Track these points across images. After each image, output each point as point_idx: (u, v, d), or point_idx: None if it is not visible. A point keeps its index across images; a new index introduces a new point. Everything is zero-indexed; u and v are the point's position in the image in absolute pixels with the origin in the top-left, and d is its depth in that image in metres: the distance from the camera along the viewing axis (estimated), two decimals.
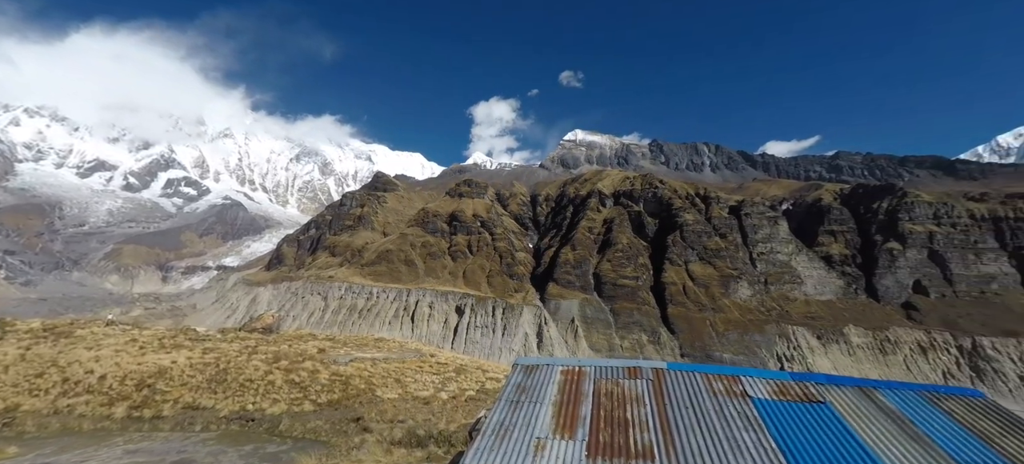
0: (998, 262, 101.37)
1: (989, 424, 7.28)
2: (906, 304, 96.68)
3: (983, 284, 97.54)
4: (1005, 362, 74.37)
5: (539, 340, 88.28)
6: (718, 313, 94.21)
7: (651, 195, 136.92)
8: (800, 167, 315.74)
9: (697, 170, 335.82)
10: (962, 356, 77.68)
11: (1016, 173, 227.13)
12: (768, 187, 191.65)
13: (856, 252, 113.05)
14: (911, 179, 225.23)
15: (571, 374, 9.28)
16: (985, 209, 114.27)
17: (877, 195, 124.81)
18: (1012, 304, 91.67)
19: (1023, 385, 69.90)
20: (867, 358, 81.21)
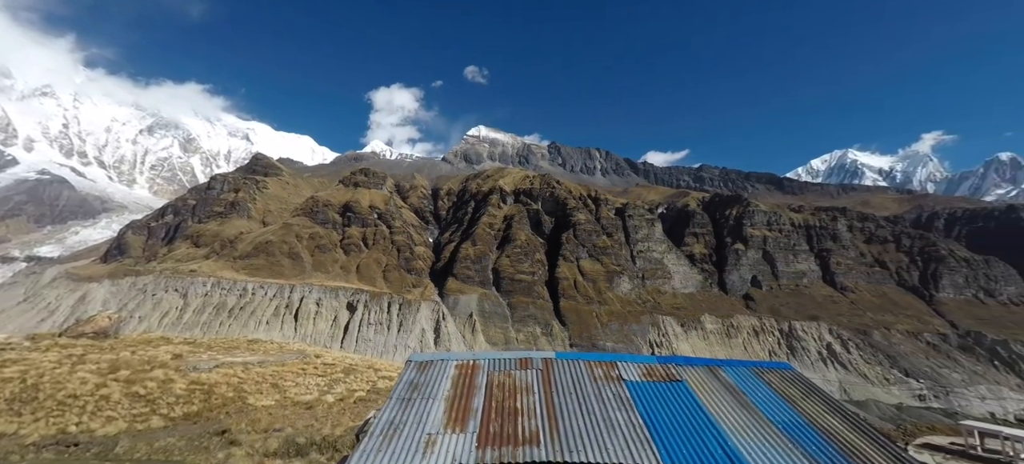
0: (808, 261, 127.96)
1: (794, 390, 9.18)
2: (746, 296, 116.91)
3: (797, 279, 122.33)
4: (809, 341, 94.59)
5: (437, 336, 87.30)
6: (603, 306, 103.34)
7: (549, 195, 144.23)
8: (673, 176, 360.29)
9: (590, 173, 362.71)
10: (782, 337, 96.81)
11: (822, 191, 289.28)
12: (648, 192, 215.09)
13: (712, 251, 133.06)
14: (753, 191, 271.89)
15: (466, 368, 9.35)
16: (801, 219, 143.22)
17: (729, 204, 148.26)
18: (815, 295, 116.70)
19: (820, 359, 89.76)
20: (717, 342, 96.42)
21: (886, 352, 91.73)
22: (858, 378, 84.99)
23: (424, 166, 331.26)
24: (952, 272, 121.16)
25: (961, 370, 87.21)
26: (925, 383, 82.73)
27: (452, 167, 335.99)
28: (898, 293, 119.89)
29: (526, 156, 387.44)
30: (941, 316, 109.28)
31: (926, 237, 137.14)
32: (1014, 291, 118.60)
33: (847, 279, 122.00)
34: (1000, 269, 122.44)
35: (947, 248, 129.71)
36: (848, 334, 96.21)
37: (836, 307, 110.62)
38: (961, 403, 76.31)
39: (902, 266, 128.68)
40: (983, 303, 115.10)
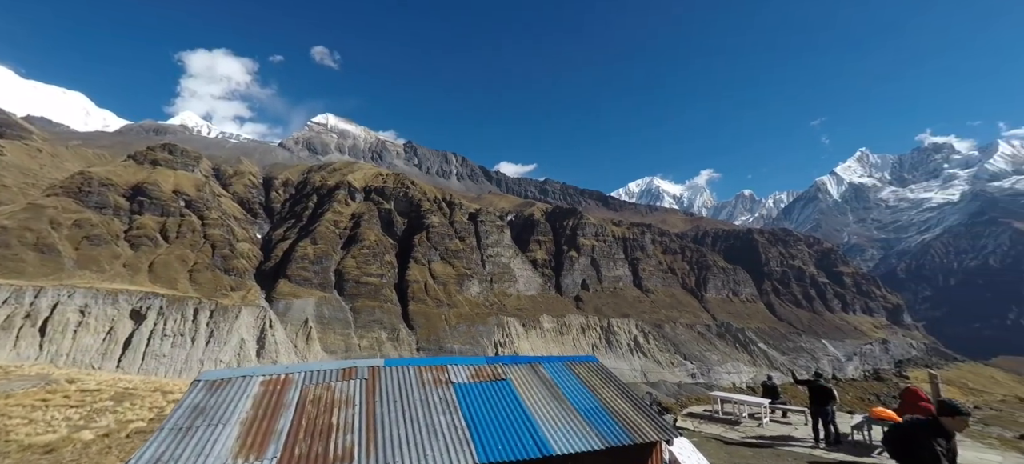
0: (623, 268, 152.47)
1: (597, 379, 10.66)
2: (576, 297, 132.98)
3: (615, 283, 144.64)
4: (622, 335, 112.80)
5: (260, 347, 75.58)
6: (453, 308, 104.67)
7: (403, 195, 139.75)
8: (522, 187, 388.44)
9: (446, 177, 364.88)
10: (602, 333, 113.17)
11: (635, 209, 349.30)
12: (499, 200, 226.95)
13: (552, 257, 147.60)
14: (586, 206, 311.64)
15: (273, 384, 8.19)
16: (620, 232, 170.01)
17: (567, 215, 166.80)
18: (627, 296, 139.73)
19: (629, 350, 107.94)
20: (552, 339, 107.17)
21: (673, 341, 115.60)
22: (654, 364, 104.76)
23: (255, 150, 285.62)
24: (715, 277, 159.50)
25: (718, 352, 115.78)
26: (696, 364, 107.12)
27: (291, 155, 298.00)
28: (682, 294, 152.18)
29: (380, 152, 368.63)
30: (707, 311, 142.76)
31: (700, 250, 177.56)
32: (749, 292, 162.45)
33: (650, 283, 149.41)
34: (742, 275, 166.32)
35: (713, 259, 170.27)
36: (649, 328, 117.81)
37: (642, 306, 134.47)
38: (717, 378, 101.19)
39: (685, 273, 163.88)
40: (731, 301, 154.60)
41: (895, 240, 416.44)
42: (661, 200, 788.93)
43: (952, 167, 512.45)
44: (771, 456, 12.01)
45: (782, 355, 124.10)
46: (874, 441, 12.68)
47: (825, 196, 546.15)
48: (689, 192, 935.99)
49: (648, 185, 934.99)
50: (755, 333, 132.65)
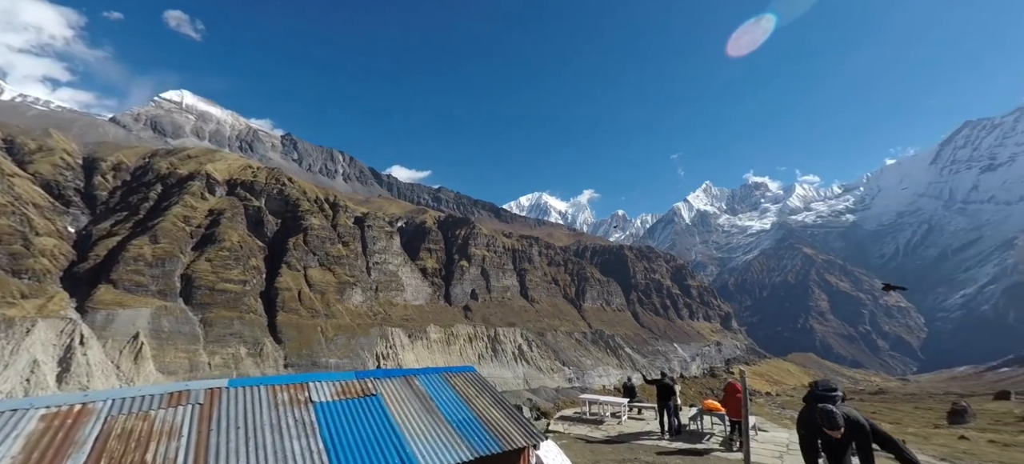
0: (511, 278, 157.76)
1: (472, 390, 10.68)
2: (466, 307, 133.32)
3: (503, 293, 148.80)
4: (508, 344, 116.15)
5: (64, 368, 59.77)
6: (330, 319, 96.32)
7: (277, 191, 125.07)
8: (415, 193, 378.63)
9: (330, 176, 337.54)
10: (489, 342, 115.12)
11: (525, 222, 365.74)
12: (390, 205, 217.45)
13: (442, 266, 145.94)
14: (478, 216, 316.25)
15: (61, 418, 6.43)
16: (510, 243, 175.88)
17: (459, 224, 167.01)
18: (514, 305, 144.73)
19: (514, 357, 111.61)
20: (439, 350, 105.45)
21: (553, 348, 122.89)
22: (536, 371, 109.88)
23: (74, 123, 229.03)
24: (592, 289, 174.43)
25: (592, 358, 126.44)
26: (573, 369, 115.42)
27: (128, 133, 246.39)
28: (564, 303, 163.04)
29: (251, 142, 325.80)
30: (584, 320, 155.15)
31: (580, 264, 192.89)
32: (619, 302, 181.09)
33: (536, 293, 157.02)
34: (614, 287, 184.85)
35: (590, 272, 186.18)
36: (533, 336, 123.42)
37: (527, 315, 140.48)
38: (590, 381, 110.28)
39: (566, 284, 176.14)
40: (605, 310, 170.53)
41: (728, 259, 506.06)
42: (549, 215, 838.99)
43: (766, 202, 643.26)
44: (626, 450, 13.32)
45: (643, 358, 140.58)
46: (705, 429, 14.96)
47: (680, 219, 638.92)
48: (573, 209, 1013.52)
49: (538, 200, 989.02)
50: (623, 339, 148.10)
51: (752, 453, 11.85)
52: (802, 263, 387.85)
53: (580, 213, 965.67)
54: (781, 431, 15.80)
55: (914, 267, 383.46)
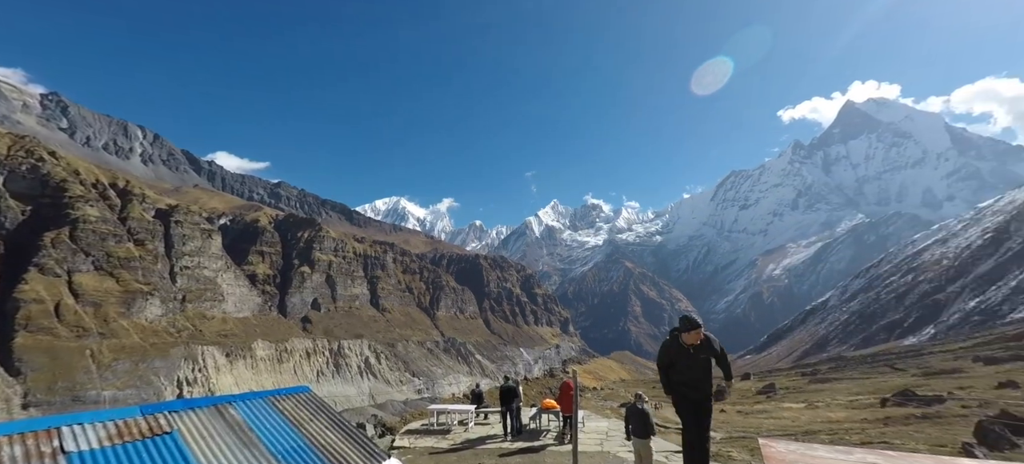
0: (362, 286, 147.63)
1: (305, 413, 9.52)
2: (304, 318, 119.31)
3: (351, 302, 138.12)
4: (353, 357, 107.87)
5: None
6: (108, 339, 74.85)
7: (28, 168, 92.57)
8: (246, 186, 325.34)
9: (124, 155, 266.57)
10: (331, 356, 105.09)
11: (380, 227, 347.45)
12: (210, 198, 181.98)
13: (277, 273, 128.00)
14: (327, 218, 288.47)
15: None
16: (362, 249, 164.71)
17: (302, 226, 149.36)
18: (363, 315, 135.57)
19: (359, 372, 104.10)
20: (267, 369, 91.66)
21: (404, 359, 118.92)
22: (384, 384, 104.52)
23: None
24: (447, 297, 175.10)
25: (443, 366, 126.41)
26: (423, 380, 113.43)
27: None
28: (417, 312, 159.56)
29: None
30: (437, 328, 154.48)
31: (436, 271, 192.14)
32: (472, 309, 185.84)
33: (387, 302, 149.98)
34: (468, 295, 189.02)
35: (446, 280, 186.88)
36: (382, 348, 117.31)
37: (377, 325, 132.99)
38: (440, 391, 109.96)
39: (421, 292, 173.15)
40: (458, 318, 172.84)
41: (568, 270, 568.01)
42: (406, 221, 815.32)
43: (600, 222, 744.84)
44: (471, 456, 13.59)
45: (492, 363, 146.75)
46: (543, 426, 16.28)
47: (531, 232, 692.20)
48: (432, 216, 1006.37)
49: (395, 205, 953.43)
50: (474, 346, 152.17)
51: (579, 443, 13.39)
52: (624, 275, 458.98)
53: (439, 221, 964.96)
54: (603, 421, 18.20)
55: (698, 279, 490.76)
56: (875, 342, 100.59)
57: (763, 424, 25.78)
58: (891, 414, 24.49)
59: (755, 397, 39.02)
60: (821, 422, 24.30)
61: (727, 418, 28.56)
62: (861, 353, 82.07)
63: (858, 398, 31.90)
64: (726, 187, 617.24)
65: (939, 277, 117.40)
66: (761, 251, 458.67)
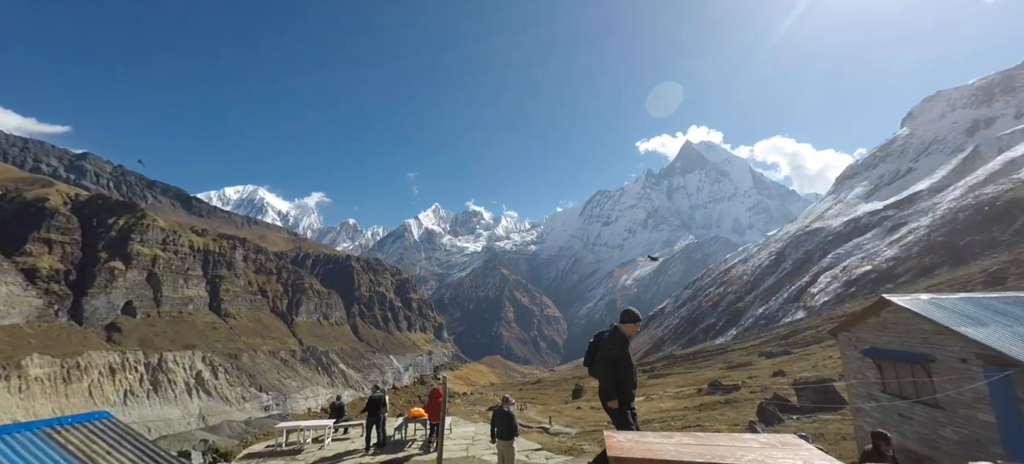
0: (198, 287, 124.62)
1: (100, 446, 7.53)
2: (111, 326, 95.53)
3: (183, 305, 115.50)
4: (179, 372, 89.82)
5: None
6: None
7: None
8: (31, 153, 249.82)
9: None
10: (148, 372, 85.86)
11: (230, 219, 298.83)
12: None
13: (72, 268, 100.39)
14: (154, 203, 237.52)
15: None
16: (202, 243, 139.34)
17: (117, 211, 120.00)
18: (198, 322, 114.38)
19: (186, 389, 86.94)
20: (45, 391, 70.60)
21: (249, 372, 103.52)
22: (220, 402, 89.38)
23: None
24: (309, 301, 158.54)
25: (299, 378, 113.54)
26: (272, 394, 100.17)
27: None
28: (271, 318, 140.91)
29: None
30: (295, 336, 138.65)
31: (298, 272, 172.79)
32: (339, 315, 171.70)
33: (232, 306, 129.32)
34: (335, 299, 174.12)
35: (309, 282, 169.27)
36: (220, 360, 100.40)
37: (216, 333, 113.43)
38: (294, 405, 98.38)
39: (277, 295, 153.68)
40: (321, 324, 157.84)
41: (446, 275, 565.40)
42: (264, 214, 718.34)
43: (481, 228, 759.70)
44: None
45: (358, 373, 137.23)
46: (409, 436, 15.71)
47: (409, 235, 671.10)
48: (297, 211, 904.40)
49: (252, 195, 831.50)
50: (338, 354, 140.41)
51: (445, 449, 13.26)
52: (500, 281, 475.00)
53: (306, 216, 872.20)
54: (470, 426, 18.37)
55: (565, 287, 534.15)
56: (697, 342, 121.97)
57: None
58: (704, 401, 29.84)
59: None
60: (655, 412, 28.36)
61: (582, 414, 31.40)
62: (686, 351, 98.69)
63: (682, 389, 38.16)
64: (593, 204, 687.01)
65: (740, 289, 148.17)
66: (617, 263, 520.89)
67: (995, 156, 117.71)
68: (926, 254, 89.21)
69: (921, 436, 11.39)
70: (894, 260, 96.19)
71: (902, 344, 12.00)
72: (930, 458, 10.89)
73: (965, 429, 10.07)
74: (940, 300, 12.14)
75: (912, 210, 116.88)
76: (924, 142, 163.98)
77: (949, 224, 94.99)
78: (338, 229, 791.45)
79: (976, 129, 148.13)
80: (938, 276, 71.47)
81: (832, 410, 22.16)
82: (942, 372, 10.63)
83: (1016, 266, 53.79)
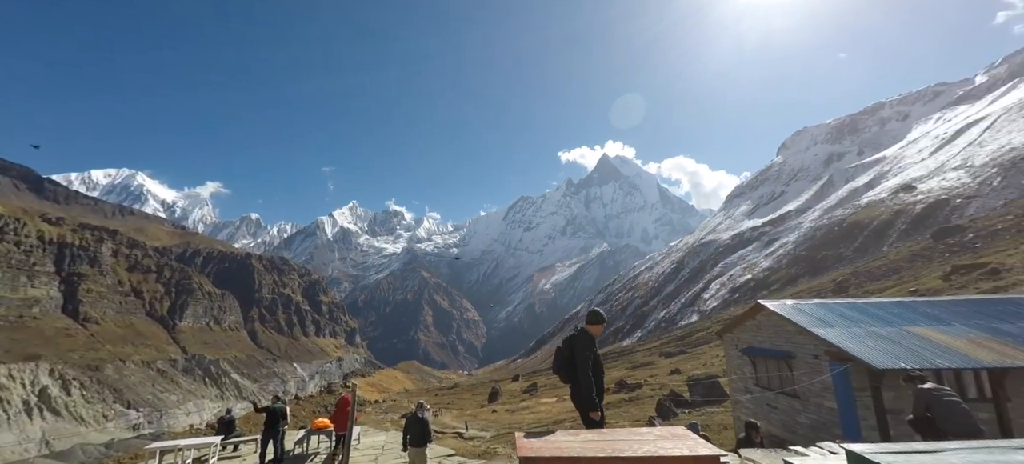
0: (49, 287, 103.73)
1: None
2: None
3: (25, 308, 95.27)
4: (16, 389, 73.55)
5: None
6: None
7: None
8: None
9: None
10: None
11: (96, 207, 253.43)
12: None
13: None
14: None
15: None
16: (57, 234, 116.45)
17: None
18: (45, 328, 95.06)
19: (25, 410, 71.33)
20: None
21: (114, 386, 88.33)
22: (72, 423, 75.03)
23: None
24: (197, 303, 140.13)
25: (179, 391, 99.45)
26: (144, 411, 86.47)
27: None
28: (146, 323, 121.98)
29: None
30: (177, 343, 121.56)
31: (186, 271, 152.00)
32: (234, 319, 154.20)
33: (95, 309, 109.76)
34: (230, 302, 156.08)
35: (199, 282, 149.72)
36: (76, 372, 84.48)
37: (71, 341, 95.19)
38: (172, 422, 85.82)
39: (157, 296, 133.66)
40: (212, 330, 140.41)
41: (362, 277, 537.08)
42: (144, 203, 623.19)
43: (401, 229, 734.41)
44: None
45: (254, 383, 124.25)
46: (311, 450, 14.51)
47: (322, 234, 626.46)
48: (187, 201, 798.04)
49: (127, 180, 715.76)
50: (230, 363, 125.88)
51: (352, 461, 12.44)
52: (420, 284, 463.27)
53: (197, 208, 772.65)
54: (380, 435, 17.51)
55: (486, 290, 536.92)
56: (607, 344, 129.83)
57: (524, 419, 29.61)
58: (611, 400, 31.78)
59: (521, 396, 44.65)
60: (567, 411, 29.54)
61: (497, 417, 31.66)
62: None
63: None
64: (516, 209, 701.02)
65: (646, 294, 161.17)
66: (537, 268, 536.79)
67: (843, 185, 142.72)
68: (792, 265, 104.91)
69: (783, 423, 13.23)
70: (769, 270, 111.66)
71: (772, 343, 13.86)
72: (789, 441, 12.68)
73: (815, 415, 11.90)
74: (800, 305, 14.27)
75: (783, 227, 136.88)
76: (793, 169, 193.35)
77: (810, 240, 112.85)
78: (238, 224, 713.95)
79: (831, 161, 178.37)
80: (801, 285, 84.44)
81: (717, 403, 24.90)
82: (800, 367, 12.46)
83: (856, 277, 65.47)
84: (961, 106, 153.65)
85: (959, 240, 60.59)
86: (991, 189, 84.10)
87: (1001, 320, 11.91)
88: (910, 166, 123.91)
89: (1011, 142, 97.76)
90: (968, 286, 36.48)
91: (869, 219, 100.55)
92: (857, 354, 10.23)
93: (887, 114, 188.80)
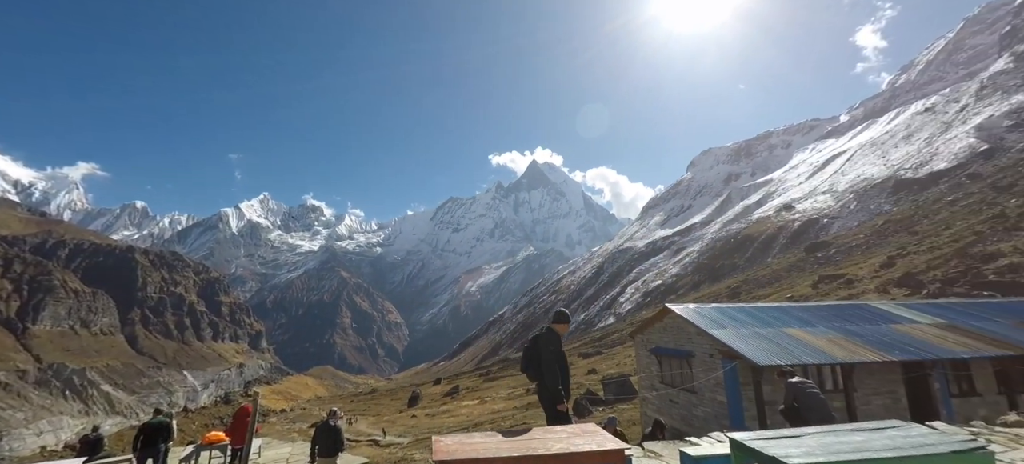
0: None
1: None
2: None
3: None
4: None
5: None
6: None
7: None
8: None
9: None
10: None
11: None
12: None
13: None
14: None
15: None
16: None
17: None
18: None
19: None
20: None
21: None
22: None
23: None
24: (58, 303, 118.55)
25: (29, 407, 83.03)
26: None
27: None
28: None
29: None
30: (29, 351, 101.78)
31: (44, 265, 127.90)
32: (107, 322, 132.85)
33: None
34: (103, 302, 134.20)
35: (62, 279, 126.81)
36: None
37: None
38: (16, 444, 71.28)
39: (2, 295, 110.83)
40: (77, 334, 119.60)
41: (271, 275, 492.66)
42: None
43: (319, 225, 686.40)
44: None
45: (131, 395, 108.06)
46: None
47: (225, 227, 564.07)
48: (50, 183, 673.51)
49: None
50: (100, 373, 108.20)
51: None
52: (338, 284, 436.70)
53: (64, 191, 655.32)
54: (285, 446, 16.15)
55: (410, 292, 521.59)
56: None
57: (445, 423, 29.22)
58: (531, 401, 32.54)
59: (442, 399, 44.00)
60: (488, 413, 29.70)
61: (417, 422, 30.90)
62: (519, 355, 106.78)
63: (513, 391, 40.94)
64: (444, 210, 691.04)
65: (569, 297, 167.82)
66: (464, 270, 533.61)
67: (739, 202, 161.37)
68: (696, 273, 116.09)
69: (683, 416, 14.53)
70: (676, 276, 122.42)
71: (676, 343, 15.17)
72: (687, 433, 13.95)
73: (709, 408, 13.23)
74: (700, 308, 15.81)
75: (689, 238, 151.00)
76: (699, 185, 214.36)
77: (710, 250, 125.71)
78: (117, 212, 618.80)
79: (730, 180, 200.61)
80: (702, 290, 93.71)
81: (628, 400, 26.66)
82: (698, 365, 13.78)
83: (746, 284, 74.23)
84: (829, 139, 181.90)
85: (825, 254, 71.53)
86: (849, 211, 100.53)
87: (851, 322, 14.24)
88: (791, 188, 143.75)
89: (864, 173, 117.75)
90: (830, 293, 43.16)
91: (758, 233, 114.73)
92: (743, 352, 11.57)
93: (774, 141, 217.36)
